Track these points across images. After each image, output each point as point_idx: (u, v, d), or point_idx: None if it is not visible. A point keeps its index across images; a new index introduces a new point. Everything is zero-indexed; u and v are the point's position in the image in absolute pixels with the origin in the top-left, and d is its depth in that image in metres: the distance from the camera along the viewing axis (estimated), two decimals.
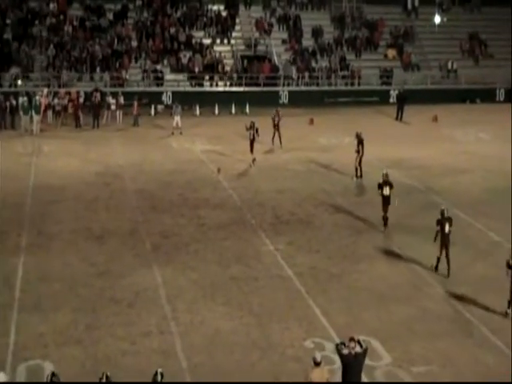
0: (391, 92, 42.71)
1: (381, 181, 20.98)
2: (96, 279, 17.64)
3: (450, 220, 17.81)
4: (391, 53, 45.90)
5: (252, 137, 28.28)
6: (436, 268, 17.97)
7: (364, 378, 12.39)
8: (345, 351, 11.78)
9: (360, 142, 26.27)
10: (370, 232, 21.07)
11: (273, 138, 30.73)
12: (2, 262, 18.42)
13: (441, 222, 17.74)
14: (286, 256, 19.21)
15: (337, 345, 12.13)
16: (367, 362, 12.36)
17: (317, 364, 11.63)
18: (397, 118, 38.44)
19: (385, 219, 20.97)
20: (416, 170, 27.76)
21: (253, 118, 30.62)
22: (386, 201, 20.84)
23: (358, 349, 11.83)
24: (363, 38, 46.16)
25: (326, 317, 15.75)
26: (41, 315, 15.69)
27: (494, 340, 14.83)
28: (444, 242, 17.69)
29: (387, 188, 20.77)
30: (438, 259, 17.89)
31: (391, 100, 42.05)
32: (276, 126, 30.83)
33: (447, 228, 17.67)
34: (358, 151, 26.30)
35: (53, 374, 11.08)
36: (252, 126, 28.38)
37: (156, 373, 11.18)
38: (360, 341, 11.96)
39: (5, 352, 14.13)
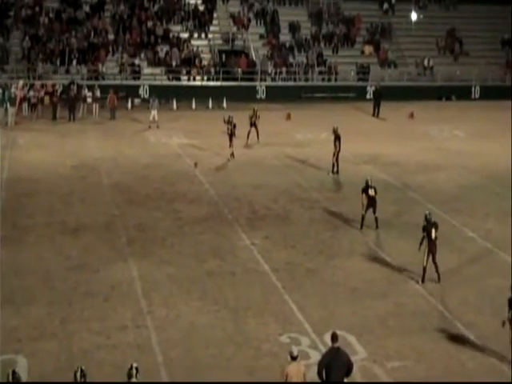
0: (368, 88, 42.87)
1: (364, 186, 20.46)
2: (71, 273, 17.54)
3: (435, 225, 17.17)
4: (368, 49, 46.07)
5: (230, 131, 28.04)
6: (423, 280, 17.13)
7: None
8: None
9: (337, 137, 26.29)
10: (346, 228, 21.14)
11: (248, 134, 30.64)
12: None
13: (427, 229, 17.08)
14: (262, 251, 19.22)
15: None
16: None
17: (293, 358, 11.67)
18: (373, 115, 38.60)
19: (375, 220, 20.63)
20: (392, 167, 27.90)
21: (230, 112, 30.62)
22: (371, 202, 20.40)
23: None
24: (340, 34, 46.29)
25: (301, 312, 15.79)
26: (14, 309, 15.56)
27: (467, 335, 14.97)
28: (431, 248, 17.01)
29: (372, 190, 20.35)
30: (425, 269, 17.09)
31: (368, 96, 42.20)
32: (253, 124, 30.73)
33: (433, 234, 17.01)
34: (335, 146, 26.32)
35: (13, 372, 11.01)
36: (230, 121, 28.16)
37: (131, 367, 11.12)
38: None
39: None
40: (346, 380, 12.00)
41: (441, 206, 22.97)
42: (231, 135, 27.99)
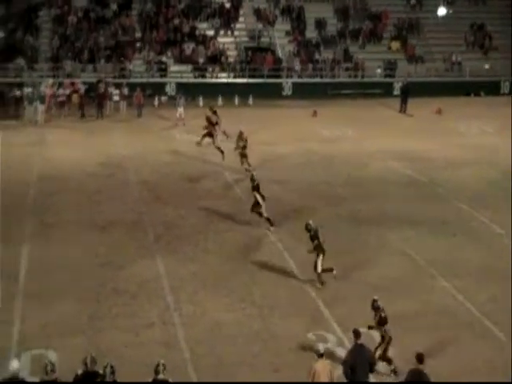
0: (395, 84, 42.61)
1: (255, 183, 20.42)
2: (99, 270, 17.71)
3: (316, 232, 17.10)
4: (395, 45, 45.78)
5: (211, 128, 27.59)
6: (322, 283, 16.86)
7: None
8: None
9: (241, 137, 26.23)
10: (371, 224, 21.08)
11: (223, 132, 29.47)
12: (7, 252, 18.41)
13: (317, 236, 17.03)
14: (287, 248, 19.25)
15: None
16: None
17: (320, 355, 11.72)
18: (400, 111, 38.38)
19: (268, 219, 20.45)
20: (419, 163, 27.75)
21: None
22: (263, 199, 20.43)
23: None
24: (367, 29, 46.06)
25: (327, 309, 15.81)
26: (44, 305, 15.77)
27: (495, 332, 14.88)
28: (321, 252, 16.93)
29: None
30: (323, 272, 16.92)
31: (395, 92, 41.93)
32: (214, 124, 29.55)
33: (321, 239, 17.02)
34: (241, 147, 25.99)
35: (51, 363, 11.22)
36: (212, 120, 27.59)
37: (158, 364, 11.23)
38: None
39: (9, 341, 14.25)
40: (371, 376, 12.04)
41: (469, 201, 22.83)
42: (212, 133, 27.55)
